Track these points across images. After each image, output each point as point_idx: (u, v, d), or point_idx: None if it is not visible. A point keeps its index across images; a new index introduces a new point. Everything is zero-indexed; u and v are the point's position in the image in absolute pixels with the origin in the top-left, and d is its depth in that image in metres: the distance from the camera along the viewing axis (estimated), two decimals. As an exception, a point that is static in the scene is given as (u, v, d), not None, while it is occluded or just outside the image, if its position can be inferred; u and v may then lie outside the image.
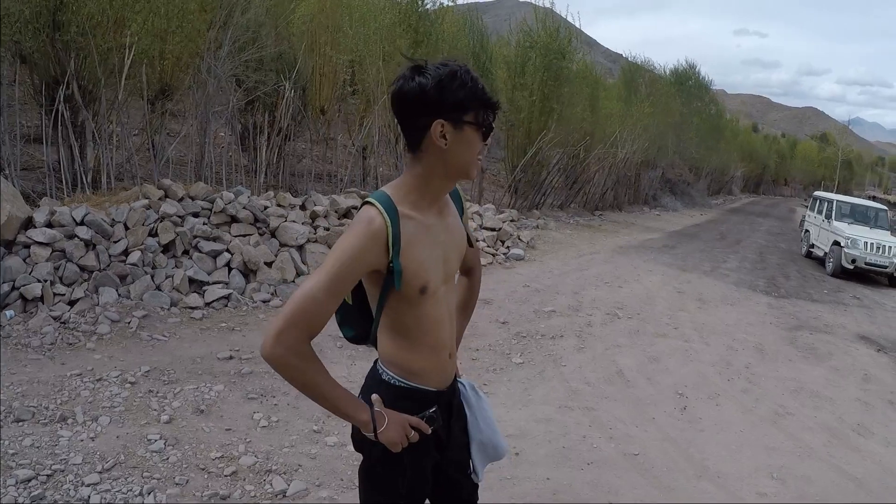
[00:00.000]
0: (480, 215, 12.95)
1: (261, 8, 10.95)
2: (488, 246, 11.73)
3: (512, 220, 14.10)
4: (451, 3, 15.85)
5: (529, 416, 5.36)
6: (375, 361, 2.15)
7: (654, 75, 26.47)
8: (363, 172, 13.69)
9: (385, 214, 1.87)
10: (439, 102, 1.84)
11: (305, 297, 1.79)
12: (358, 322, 2.21)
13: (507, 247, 12.28)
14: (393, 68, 12.45)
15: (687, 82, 30.53)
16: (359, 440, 2.05)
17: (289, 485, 3.96)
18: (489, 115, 1.92)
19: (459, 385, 2.29)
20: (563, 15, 18.71)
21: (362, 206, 1.93)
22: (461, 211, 2.25)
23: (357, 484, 2.18)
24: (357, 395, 2.10)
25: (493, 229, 12.54)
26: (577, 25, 18.53)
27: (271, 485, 3.95)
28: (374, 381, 2.11)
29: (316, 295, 1.79)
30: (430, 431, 2.05)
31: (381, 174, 13.78)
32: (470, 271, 2.52)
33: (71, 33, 7.82)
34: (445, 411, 2.16)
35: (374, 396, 2.02)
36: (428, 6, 14.65)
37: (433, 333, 2.07)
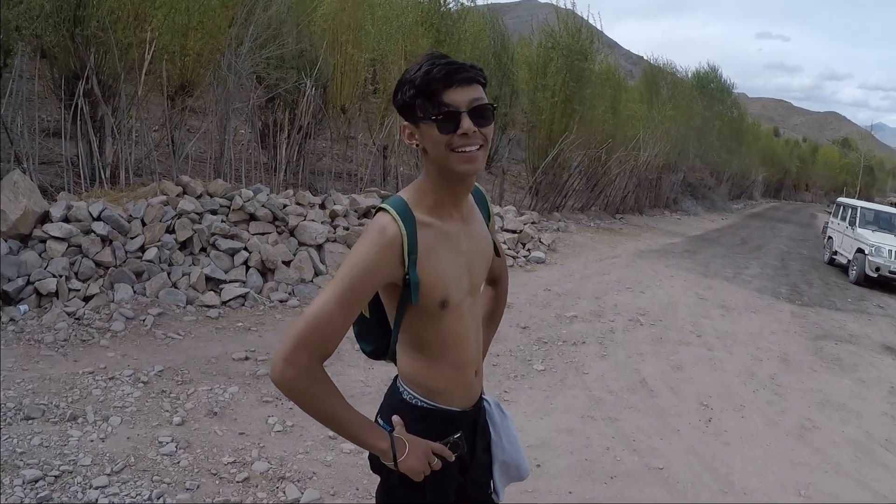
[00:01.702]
0: (501, 217, 12.83)
1: (282, 5, 10.87)
2: (509, 248, 11.60)
3: (533, 223, 13.96)
4: (471, 4, 15.74)
5: (551, 426, 5.22)
6: (395, 378, 2.02)
7: (675, 78, 26.26)
8: (384, 172, 13.60)
9: (400, 222, 1.75)
10: (400, 106, 1.78)
11: (317, 316, 1.67)
12: (377, 336, 2.07)
13: (528, 249, 12.13)
14: (414, 68, 12.37)
15: (709, 85, 30.21)
16: (376, 462, 1.92)
17: (302, 493, 3.84)
18: (434, 100, 1.70)
19: (484, 402, 2.15)
20: (585, 16, 18.59)
21: (376, 212, 1.81)
22: (487, 217, 2.11)
23: (373, 495, 2.06)
24: (376, 412, 2.00)
25: (514, 231, 12.41)
26: (599, 27, 18.36)
27: (284, 493, 3.84)
28: (394, 400, 1.99)
29: (328, 313, 1.68)
30: (453, 459, 1.91)
31: (402, 174, 13.68)
32: (496, 281, 2.38)
33: (91, 28, 7.77)
34: (470, 431, 2.02)
35: (396, 418, 1.90)
36: (451, 6, 14.56)
37: (457, 350, 1.94)
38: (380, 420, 1.98)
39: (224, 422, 4.62)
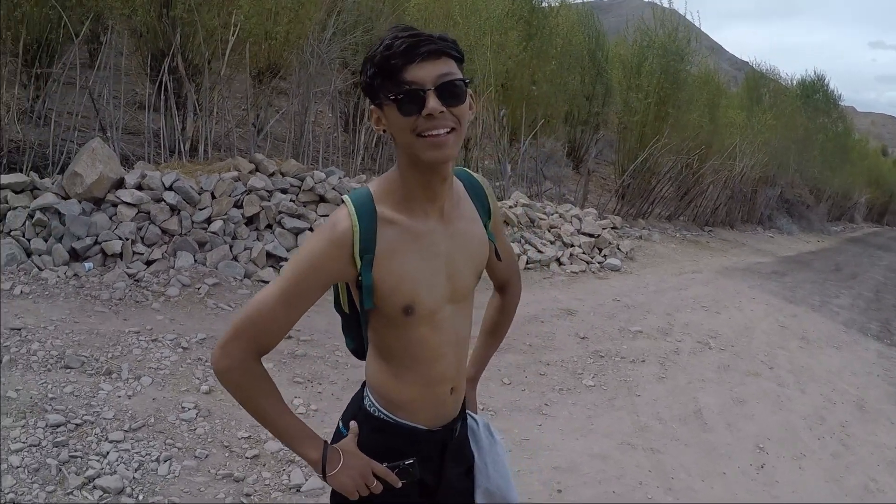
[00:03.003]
0: (580, 219, 12.64)
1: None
2: (583, 252, 11.41)
3: (613, 228, 13.71)
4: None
5: (585, 449, 4.95)
6: (363, 383, 1.89)
7: (779, 85, 25.18)
8: (464, 164, 13.65)
9: (355, 218, 1.60)
10: (363, 87, 1.63)
11: (255, 310, 1.61)
12: (357, 335, 1.92)
13: (604, 255, 11.90)
14: (503, 59, 12.34)
15: (813, 95, 28.66)
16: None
17: (306, 480, 3.92)
18: (395, 78, 1.52)
19: (471, 423, 1.99)
20: (685, 15, 18.06)
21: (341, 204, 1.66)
22: (488, 214, 1.89)
23: None
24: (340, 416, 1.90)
25: (591, 235, 12.21)
26: (698, 25, 17.82)
27: (289, 476, 3.93)
28: (354, 406, 1.88)
29: (267, 308, 1.61)
30: (399, 485, 1.75)
31: (486, 167, 13.68)
32: (504, 288, 2.18)
33: (177, 10, 8.16)
34: (437, 453, 1.86)
35: (353, 425, 1.80)
36: (542, 0, 14.46)
37: (427, 363, 1.76)
38: (340, 424, 1.87)
39: (250, 395, 4.78)
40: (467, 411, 2.02)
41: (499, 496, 1.96)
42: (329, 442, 1.76)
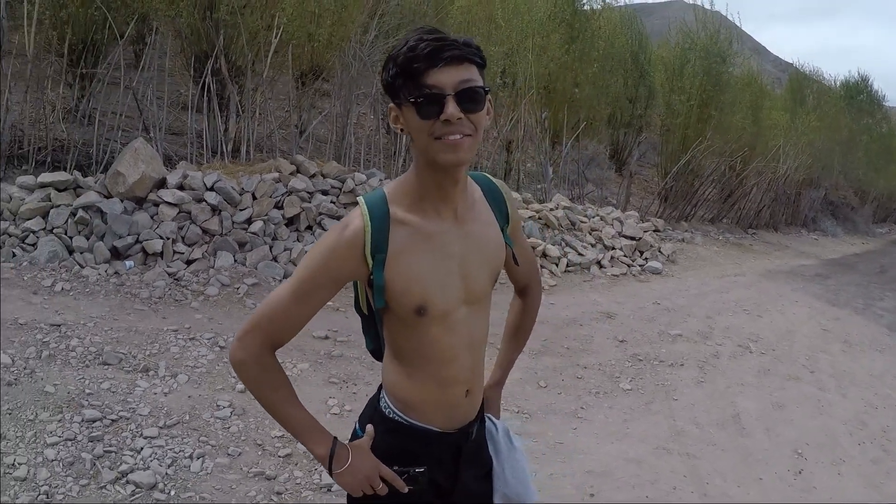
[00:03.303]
0: (621, 222, 12.50)
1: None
2: (624, 255, 11.28)
3: (656, 230, 13.53)
4: (612, 2, 15.48)
5: (620, 454, 4.88)
6: (380, 386, 1.90)
7: (822, 87, 24.70)
8: (507, 167, 13.58)
9: (367, 217, 1.63)
10: (384, 86, 1.65)
11: (270, 304, 1.67)
12: (375, 335, 1.94)
13: (646, 258, 11.76)
14: (545, 62, 12.25)
15: (857, 96, 28.01)
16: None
17: (338, 480, 3.92)
18: (417, 81, 1.54)
19: (489, 426, 1.97)
20: (728, 17, 17.78)
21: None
22: (505, 218, 1.89)
23: None
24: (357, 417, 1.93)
25: (632, 238, 12.06)
26: (739, 25, 17.55)
27: (320, 476, 3.92)
28: (370, 407, 1.90)
29: (281, 303, 1.65)
30: (405, 491, 1.76)
31: (528, 170, 13.60)
32: (524, 292, 2.17)
33: (221, 12, 8.25)
34: (451, 456, 1.86)
35: (369, 428, 1.82)
36: (584, 3, 14.36)
37: (441, 365, 1.76)
38: (357, 426, 1.90)
39: (285, 395, 4.78)
40: (487, 415, 2.00)
41: (517, 501, 1.94)
42: (340, 440, 1.79)
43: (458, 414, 1.84)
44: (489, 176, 1.93)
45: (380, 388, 1.89)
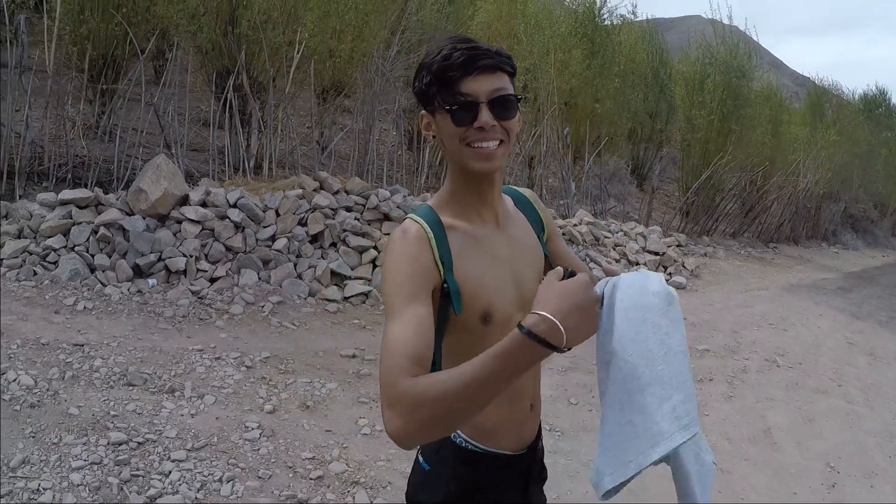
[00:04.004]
0: (644, 237, 12.37)
1: (438, 13, 10.99)
2: (650, 270, 11.12)
3: (679, 245, 13.39)
4: (631, 17, 15.42)
5: (652, 469, 4.71)
6: None
7: (841, 100, 24.53)
8: (529, 182, 13.47)
9: (424, 225, 1.58)
10: (417, 93, 1.62)
11: (384, 353, 1.40)
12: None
13: (670, 273, 11.62)
14: (566, 78, 12.16)
15: (876, 110, 27.86)
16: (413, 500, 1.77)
17: (371, 502, 3.76)
18: (451, 89, 1.53)
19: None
20: (745, 30, 17.66)
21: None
22: (540, 225, 1.86)
23: None
24: (417, 451, 1.76)
25: (656, 253, 11.94)
26: (756, 39, 17.45)
27: (353, 497, 3.77)
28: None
29: (393, 341, 1.40)
30: None
31: (550, 185, 13.48)
32: None
33: (242, 27, 8.20)
34: (522, 479, 1.78)
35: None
36: (605, 19, 14.28)
37: None
38: (421, 458, 1.77)
39: (314, 416, 4.64)
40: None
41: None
42: (413, 469, 1.73)
43: (525, 431, 1.77)
44: (514, 187, 1.91)
45: None
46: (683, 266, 12.30)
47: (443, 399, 1.27)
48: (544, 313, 1.28)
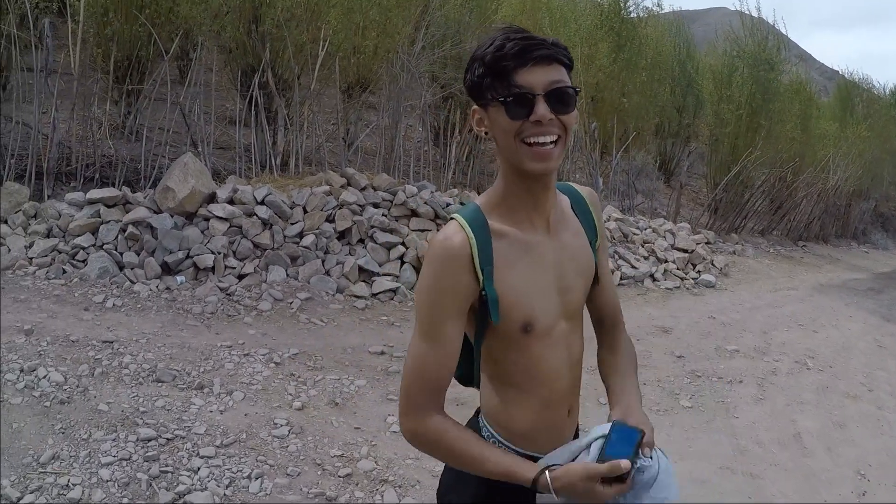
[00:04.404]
0: (673, 234, 12.22)
1: (462, 8, 10.93)
2: (678, 268, 10.99)
3: (707, 243, 13.21)
4: (656, 9, 15.20)
5: (684, 473, 4.70)
6: (477, 411, 1.79)
7: (871, 95, 23.99)
8: (558, 176, 13.35)
9: (468, 230, 1.53)
10: (468, 86, 1.56)
11: (408, 364, 1.57)
12: (463, 359, 1.72)
13: (699, 271, 11.45)
14: (593, 72, 12.04)
15: None
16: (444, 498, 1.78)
17: (400, 501, 3.72)
18: (505, 80, 1.46)
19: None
20: (773, 23, 17.33)
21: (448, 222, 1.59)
22: (594, 231, 1.77)
23: None
24: None
25: (685, 251, 11.77)
26: (785, 32, 17.12)
27: (382, 496, 3.74)
28: None
29: (417, 354, 1.55)
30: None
31: (577, 181, 13.35)
32: (606, 326, 1.90)
33: (266, 25, 8.21)
34: None
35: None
36: (631, 11, 14.11)
37: (545, 385, 1.66)
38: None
39: (343, 414, 4.61)
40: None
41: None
42: (445, 468, 1.77)
43: (561, 436, 1.73)
44: (574, 185, 1.83)
45: (476, 414, 1.78)
46: (712, 264, 12.12)
47: (439, 452, 1.57)
48: (557, 488, 1.46)
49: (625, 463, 1.45)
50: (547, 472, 1.48)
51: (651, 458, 1.55)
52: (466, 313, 1.56)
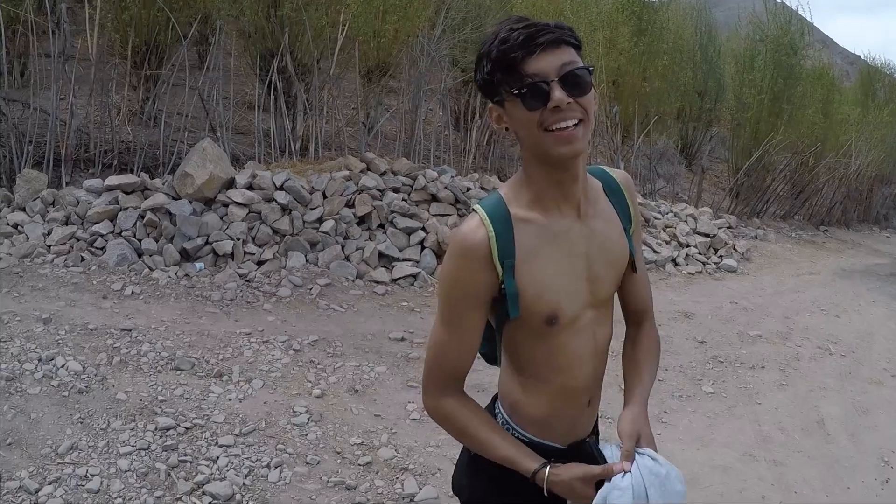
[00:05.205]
0: (695, 219, 12.09)
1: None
2: (700, 253, 10.89)
3: (729, 227, 13.08)
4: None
5: (706, 460, 4.68)
6: (494, 397, 1.78)
7: (893, 80, 23.70)
8: (587, 161, 13.23)
9: (488, 223, 1.49)
10: (480, 86, 1.53)
11: (430, 348, 1.62)
12: (490, 337, 1.74)
13: (720, 256, 11.34)
14: (614, 56, 11.89)
15: None
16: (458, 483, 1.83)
17: (420, 489, 3.67)
18: (516, 72, 1.42)
19: (601, 449, 1.71)
20: (795, 7, 17.15)
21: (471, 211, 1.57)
22: (628, 216, 1.71)
23: None
24: None
25: (707, 235, 11.65)
26: (809, 18, 16.92)
27: (402, 485, 3.69)
28: None
29: (439, 340, 1.59)
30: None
31: (598, 165, 13.23)
32: (635, 318, 1.88)
33: (285, 9, 8.16)
34: None
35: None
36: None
37: (567, 374, 1.63)
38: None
39: (363, 401, 4.56)
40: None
41: None
42: (461, 453, 1.82)
43: (579, 427, 1.72)
44: (607, 169, 1.77)
45: (493, 400, 1.78)
46: (734, 249, 11.99)
47: (453, 430, 1.64)
48: (553, 483, 1.52)
49: (618, 467, 1.52)
50: (549, 467, 1.52)
51: (630, 470, 1.56)
52: (487, 304, 1.55)
